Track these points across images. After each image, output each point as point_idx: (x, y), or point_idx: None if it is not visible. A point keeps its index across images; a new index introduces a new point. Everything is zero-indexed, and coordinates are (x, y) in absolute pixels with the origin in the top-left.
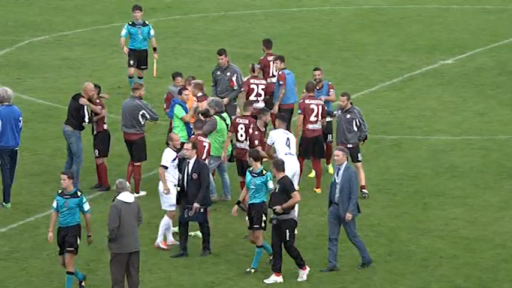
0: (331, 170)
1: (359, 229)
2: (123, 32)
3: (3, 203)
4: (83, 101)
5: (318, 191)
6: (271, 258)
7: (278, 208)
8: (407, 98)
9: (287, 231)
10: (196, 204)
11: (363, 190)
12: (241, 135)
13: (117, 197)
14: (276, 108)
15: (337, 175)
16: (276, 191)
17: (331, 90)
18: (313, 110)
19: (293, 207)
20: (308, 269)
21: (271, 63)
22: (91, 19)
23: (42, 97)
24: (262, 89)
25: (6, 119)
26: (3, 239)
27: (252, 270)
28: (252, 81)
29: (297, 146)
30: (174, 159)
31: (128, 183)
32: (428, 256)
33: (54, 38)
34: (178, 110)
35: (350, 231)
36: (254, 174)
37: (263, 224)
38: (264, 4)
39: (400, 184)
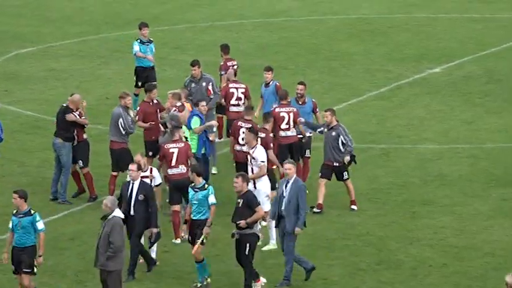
0: None
1: (348, 239)
2: (136, 47)
3: None
4: (70, 117)
5: None
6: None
7: (242, 223)
8: (395, 107)
9: (247, 245)
10: (155, 230)
11: (352, 206)
12: (243, 139)
13: (114, 214)
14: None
15: (286, 188)
16: (239, 205)
17: (317, 109)
18: (283, 117)
19: (256, 222)
20: (263, 280)
21: (231, 68)
22: (79, 30)
23: (29, 109)
24: (242, 93)
25: None
26: None
27: (199, 285)
28: (231, 85)
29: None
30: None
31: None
32: (417, 265)
33: (42, 49)
34: (194, 122)
35: (287, 246)
36: (196, 189)
37: (204, 240)
38: (251, 14)
39: (388, 193)
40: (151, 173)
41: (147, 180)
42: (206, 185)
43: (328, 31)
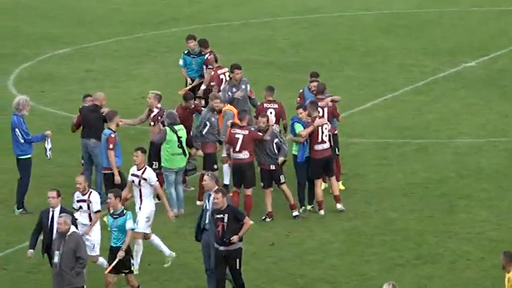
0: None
1: (386, 234)
2: (180, 61)
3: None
4: (105, 110)
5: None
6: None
7: (235, 238)
8: (431, 101)
9: (237, 260)
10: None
11: (294, 212)
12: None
13: (73, 230)
14: None
15: (208, 201)
16: (225, 221)
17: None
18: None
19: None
20: None
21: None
22: (113, 30)
23: (65, 109)
24: (228, 76)
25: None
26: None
27: None
28: (219, 71)
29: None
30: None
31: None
32: (455, 259)
33: (77, 50)
34: (298, 127)
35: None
36: (115, 216)
37: (132, 267)
38: (285, 11)
39: (426, 188)
40: (89, 197)
41: (84, 205)
42: (125, 211)
43: (362, 27)
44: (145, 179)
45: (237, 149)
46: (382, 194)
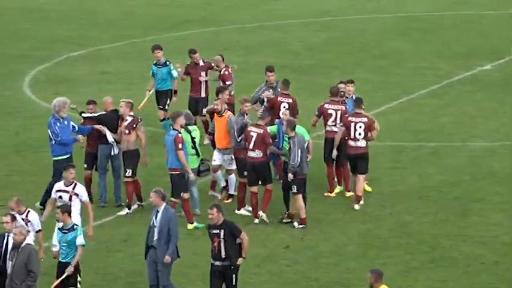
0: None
1: (401, 237)
2: (150, 71)
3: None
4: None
5: (332, 195)
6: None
7: (240, 261)
8: (445, 104)
9: (234, 276)
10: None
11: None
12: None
13: (27, 241)
14: None
15: (156, 217)
16: (221, 237)
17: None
18: (331, 114)
19: None
20: None
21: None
22: (127, 33)
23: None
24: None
25: None
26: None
27: None
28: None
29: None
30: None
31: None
32: (470, 262)
33: (91, 52)
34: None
35: (163, 279)
36: (65, 231)
37: (78, 285)
38: (299, 14)
39: (440, 191)
40: (26, 216)
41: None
42: (75, 226)
43: (377, 30)
44: (76, 195)
45: (251, 146)
46: (396, 197)
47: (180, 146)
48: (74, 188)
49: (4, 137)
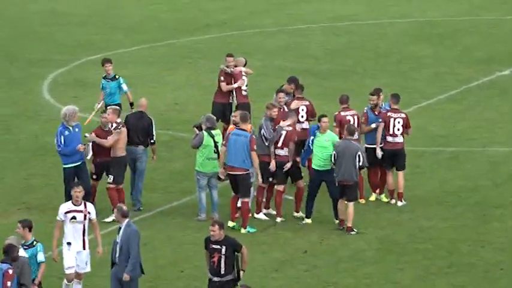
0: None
1: (420, 242)
2: (100, 85)
3: None
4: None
5: (362, 201)
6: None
7: (242, 273)
8: (465, 109)
9: None
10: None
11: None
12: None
13: (20, 254)
14: None
15: (118, 234)
16: (223, 252)
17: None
18: (349, 121)
19: None
20: None
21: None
22: (147, 37)
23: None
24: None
25: None
26: None
27: None
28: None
29: None
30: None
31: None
32: (489, 268)
33: (110, 56)
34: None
35: None
36: (25, 247)
37: None
38: (319, 18)
39: (459, 196)
40: (85, 207)
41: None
42: (35, 242)
43: (396, 34)
44: (89, 213)
45: (279, 145)
46: (415, 202)
47: (255, 147)
48: (85, 207)
49: (24, 141)
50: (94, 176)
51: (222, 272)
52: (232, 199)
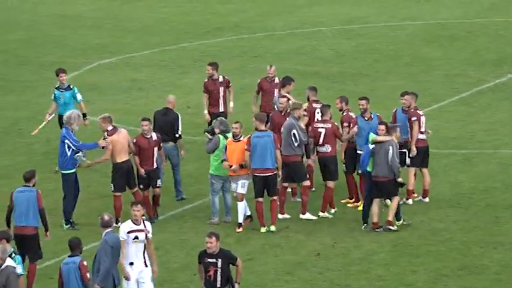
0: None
1: (432, 244)
2: (52, 95)
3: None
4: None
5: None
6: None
7: (236, 286)
8: (476, 112)
9: None
10: None
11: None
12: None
13: (6, 264)
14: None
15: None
16: (219, 265)
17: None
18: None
19: None
20: None
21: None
22: (159, 40)
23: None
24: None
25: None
26: None
27: None
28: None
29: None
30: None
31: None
32: (501, 270)
33: (123, 59)
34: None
35: None
36: None
37: None
38: (329, 22)
39: (471, 198)
40: (145, 227)
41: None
42: (13, 254)
43: (407, 37)
44: (148, 231)
45: (320, 142)
46: (427, 204)
47: (279, 145)
48: (145, 226)
49: (36, 145)
50: (141, 186)
51: (218, 286)
52: (258, 204)
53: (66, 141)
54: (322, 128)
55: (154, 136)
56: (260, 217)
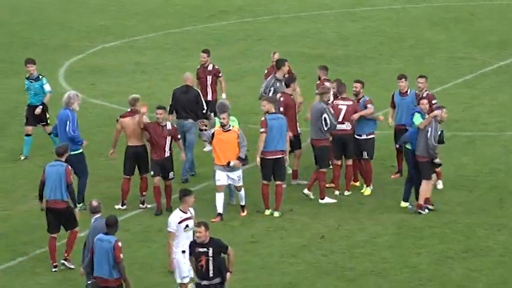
0: (367, 191)
1: (436, 226)
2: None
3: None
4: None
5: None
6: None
7: (228, 275)
8: (480, 94)
9: None
10: None
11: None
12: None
13: None
14: None
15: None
16: (210, 255)
17: (368, 105)
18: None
19: None
20: None
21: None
22: (163, 23)
23: (115, 102)
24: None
25: (59, 121)
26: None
27: None
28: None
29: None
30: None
31: None
32: (505, 252)
33: (127, 42)
34: (416, 118)
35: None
36: None
37: None
38: (334, 4)
39: (475, 180)
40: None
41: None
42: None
43: (411, 20)
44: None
45: (340, 119)
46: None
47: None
48: (191, 213)
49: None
50: (152, 173)
51: (211, 275)
52: (265, 186)
53: (68, 122)
54: (343, 105)
55: (169, 125)
56: (265, 199)
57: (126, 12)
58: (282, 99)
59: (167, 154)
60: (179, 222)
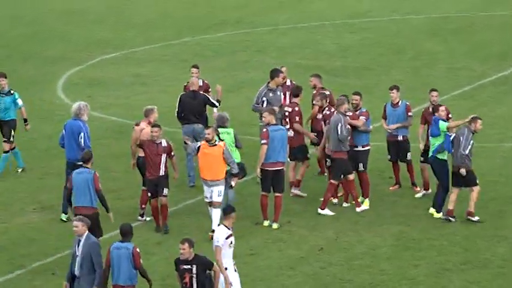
0: (365, 203)
1: (435, 238)
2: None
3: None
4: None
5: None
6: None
7: None
8: (478, 105)
9: None
10: None
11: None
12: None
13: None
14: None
15: (78, 246)
16: (194, 272)
17: (361, 117)
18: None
19: None
20: None
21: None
22: (161, 34)
23: (114, 114)
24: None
25: (68, 132)
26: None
27: None
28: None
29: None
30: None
31: None
32: (504, 264)
33: (125, 54)
34: (442, 125)
35: None
36: None
37: None
38: (333, 15)
39: None
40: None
41: None
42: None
43: (411, 31)
44: None
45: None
46: (430, 198)
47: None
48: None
49: (38, 140)
50: (149, 194)
51: None
52: (264, 197)
53: (82, 133)
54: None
55: (164, 142)
56: (264, 210)
57: (125, 24)
58: (296, 109)
59: (162, 173)
60: (226, 238)
